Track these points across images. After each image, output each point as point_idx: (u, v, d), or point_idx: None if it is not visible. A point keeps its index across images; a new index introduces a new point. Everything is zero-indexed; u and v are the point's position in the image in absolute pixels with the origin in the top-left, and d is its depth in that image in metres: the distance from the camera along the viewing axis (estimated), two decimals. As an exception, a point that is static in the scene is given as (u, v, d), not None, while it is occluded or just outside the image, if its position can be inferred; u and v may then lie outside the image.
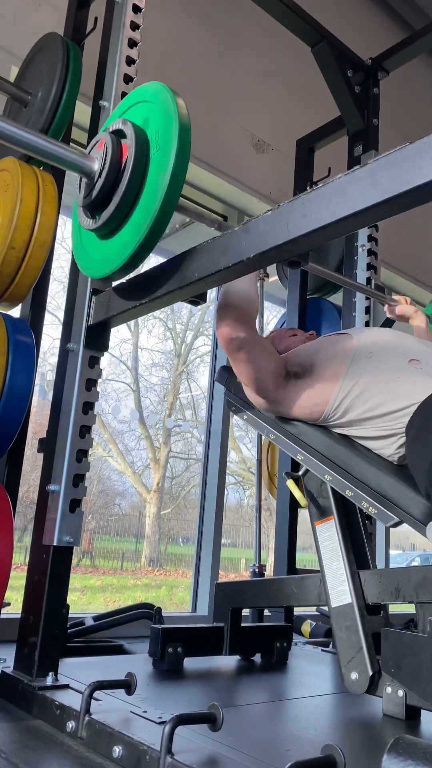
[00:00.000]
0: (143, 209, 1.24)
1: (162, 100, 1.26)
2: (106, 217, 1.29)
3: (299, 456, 1.59)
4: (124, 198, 1.26)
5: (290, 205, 1.05)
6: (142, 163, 1.25)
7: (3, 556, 1.43)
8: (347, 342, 1.62)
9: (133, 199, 1.26)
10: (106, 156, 1.27)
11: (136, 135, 1.26)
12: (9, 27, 2.27)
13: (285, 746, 1.10)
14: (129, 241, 1.27)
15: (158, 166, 1.22)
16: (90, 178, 1.31)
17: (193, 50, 2.86)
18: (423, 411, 1.40)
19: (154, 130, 1.26)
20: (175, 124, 1.20)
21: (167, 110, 1.23)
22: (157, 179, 1.21)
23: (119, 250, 1.30)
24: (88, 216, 1.35)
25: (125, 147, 1.28)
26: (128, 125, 1.28)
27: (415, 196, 0.89)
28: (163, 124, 1.23)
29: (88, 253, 1.43)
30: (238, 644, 1.79)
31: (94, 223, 1.34)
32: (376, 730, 1.26)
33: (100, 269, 1.36)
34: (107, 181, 1.27)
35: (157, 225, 1.21)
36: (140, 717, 1.13)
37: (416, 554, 7.84)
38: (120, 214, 1.28)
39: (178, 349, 6.52)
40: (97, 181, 1.29)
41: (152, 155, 1.25)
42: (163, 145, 1.22)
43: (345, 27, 2.74)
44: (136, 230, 1.25)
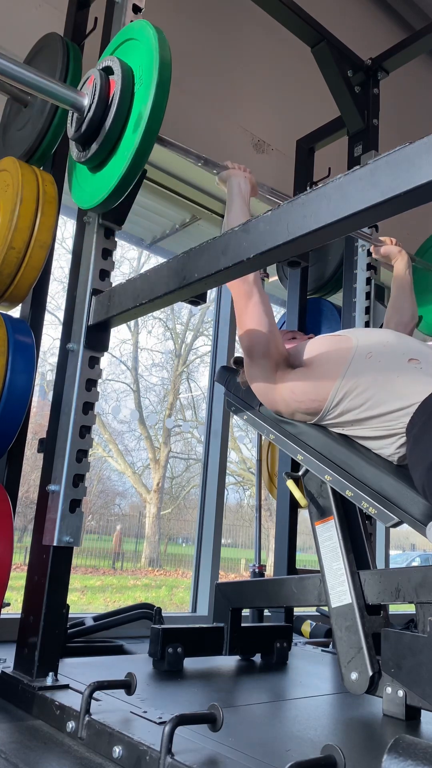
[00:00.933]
0: (127, 140, 1.33)
1: (146, 36, 1.34)
2: (94, 149, 1.38)
3: (299, 456, 1.59)
4: (110, 130, 1.35)
5: (290, 205, 1.05)
6: (128, 97, 1.34)
7: (3, 556, 1.43)
8: (346, 343, 1.62)
9: (118, 131, 1.35)
10: (95, 91, 1.36)
11: (122, 71, 1.34)
12: (9, 27, 2.27)
13: (285, 746, 1.10)
14: (115, 170, 1.36)
15: (141, 99, 1.31)
16: (81, 112, 1.39)
17: (192, 50, 2.86)
18: (424, 411, 1.40)
19: (138, 65, 1.34)
20: (155, 58, 1.28)
21: (149, 46, 1.31)
22: (140, 111, 1.30)
23: (107, 180, 1.39)
24: (79, 149, 1.43)
25: (113, 82, 1.36)
26: (115, 62, 1.37)
27: (415, 196, 0.89)
28: (146, 60, 1.31)
29: (81, 185, 1.52)
30: (238, 644, 1.79)
31: (83, 155, 1.42)
32: (376, 730, 1.26)
33: (92, 199, 1.45)
34: (95, 114, 1.36)
35: (139, 154, 1.30)
36: (140, 717, 1.13)
37: (416, 554, 7.84)
38: (107, 146, 1.37)
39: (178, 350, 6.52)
40: (86, 115, 1.37)
41: (136, 90, 1.33)
42: (146, 79, 1.30)
43: (345, 27, 2.74)
44: (121, 159, 1.33)
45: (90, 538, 5.80)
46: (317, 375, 1.55)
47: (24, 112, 1.83)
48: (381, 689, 1.35)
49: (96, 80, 1.37)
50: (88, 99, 1.37)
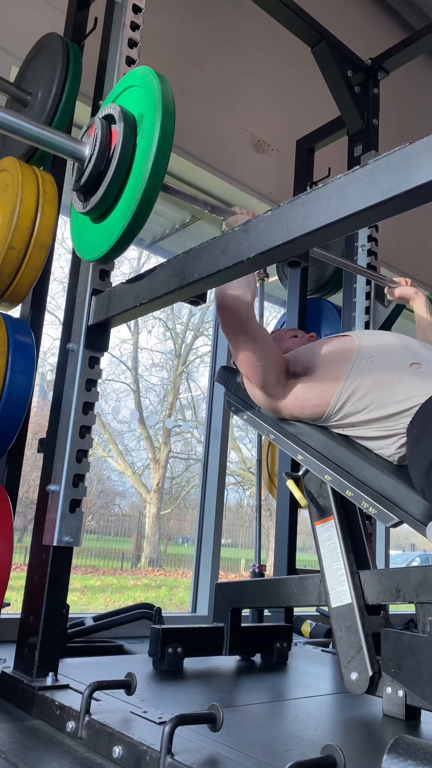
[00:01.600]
0: (129, 194, 1.28)
1: (148, 85, 1.28)
2: (95, 201, 1.33)
3: (299, 456, 1.59)
4: (111, 183, 1.30)
5: (290, 205, 1.05)
6: (129, 149, 1.28)
7: (3, 556, 1.43)
8: (349, 344, 1.62)
9: (120, 183, 1.30)
10: (96, 142, 1.31)
11: (124, 121, 1.29)
12: (9, 27, 2.27)
13: (285, 746, 1.10)
14: (116, 225, 1.30)
15: (143, 151, 1.25)
16: (81, 162, 1.34)
17: (192, 50, 2.86)
18: (424, 412, 1.40)
19: (140, 115, 1.29)
20: (158, 110, 1.22)
21: (152, 96, 1.25)
22: (142, 165, 1.24)
23: (108, 233, 1.34)
24: (81, 200, 1.39)
25: (114, 132, 1.31)
26: (117, 111, 1.31)
27: (415, 197, 0.89)
28: (148, 110, 1.26)
29: (83, 236, 1.47)
30: (238, 644, 1.79)
31: (84, 206, 1.37)
32: (376, 730, 1.26)
33: (93, 252, 1.40)
34: (96, 166, 1.31)
35: (141, 210, 1.25)
36: (140, 717, 1.13)
37: (416, 554, 7.84)
38: (108, 199, 1.32)
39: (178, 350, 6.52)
40: (87, 166, 1.32)
41: (139, 141, 1.28)
42: (148, 131, 1.24)
43: (345, 27, 2.74)
44: (123, 214, 1.28)
45: (90, 538, 5.80)
46: (320, 380, 1.55)
47: (24, 112, 1.83)
48: (381, 689, 1.35)
49: (97, 130, 1.31)
50: (89, 149, 1.32)
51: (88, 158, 1.32)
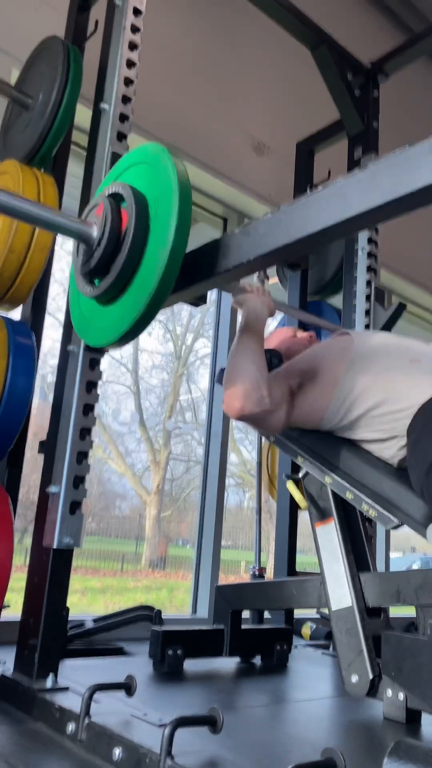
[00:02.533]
0: (142, 282, 1.20)
1: (161, 165, 1.20)
2: (105, 286, 1.25)
3: (299, 458, 1.59)
4: (123, 269, 1.21)
5: (290, 207, 1.05)
6: (142, 233, 1.20)
7: (3, 557, 1.43)
8: (347, 343, 1.62)
9: (133, 268, 1.22)
10: (106, 224, 1.22)
11: (135, 202, 1.20)
12: (10, 30, 2.28)
13: (285, 749, 1.10)
14: (127, 313, 1.22)
15: (158, 240, 1.17)
16: (89, 245, 1.26)
17: (193, 53, 2.87)
18: (424, 414, 1.40)
19: (153, 197, 1.21)
20: (174, 194, 1.14)
21: (167, 177, 1.17)
22: (157, 255, 1.16)
23: (117, 321, 1.25)
24: (87, 282, 1.30)
25: (124, 214, 1.23)
26: (127, 190, 1.23)
27: (415, 199, 0.89)
28: (162, 193, 1.18)
29: (86, 317, 1.38)
30: (238, 646, 1.79)
31: (92, 290, 1.28)
32: (376, 733, 1.26)
33: (99, 338, 1.32)
34: (107, 250, 1.22)
35: (155, 301, 1.17)
36: (140, 719, 1.13)
37: (417, 557, 7.83)
38: (119, 284, 1.24)
39: (178, 352, 6.51)
40: (96, 249, 1.24)
41: (151, 223, 1.20)
42: (162, 215, 1.17)
43: (345, 30, 2.74)
44: (135, 303, 1.20)
45: (90, 539, 5.80)
46: (318, 383, 1.54)
47: (25, 115, 1.83)
48: (381, 692, 1.34)
49: (106, 211, 1.23)
50: (98, 231, 1.24)
51: (96, 241, 1.24)
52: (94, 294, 1.28)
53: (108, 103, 1.63)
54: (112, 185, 1.28)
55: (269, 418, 1.49)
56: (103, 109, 1.64)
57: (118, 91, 1.63)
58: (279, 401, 1.51)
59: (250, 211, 3.14)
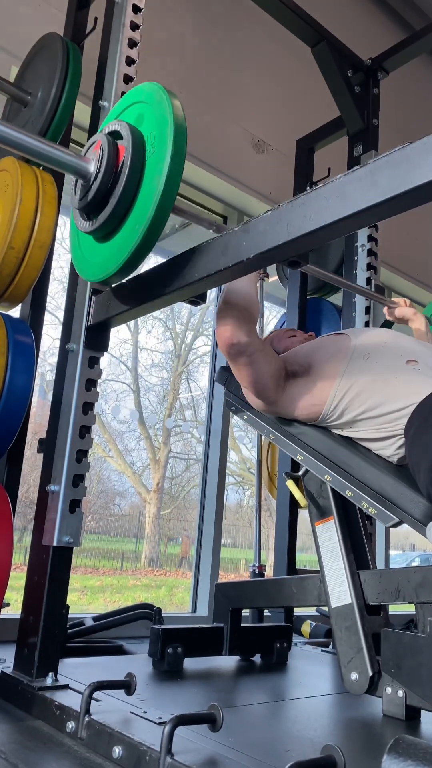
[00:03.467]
0: (139, 213, 1.22)
1: (158, 101, 1.23)
2: (102, 220, 1.27)
3: (299, 456, 1.59)
4: (120, 201, 1.24)
5: (290, 205, 1.05)
6: (139, 166, 1.23)
7: (3, 556, 1.43)
8: (345, 342, 1.62)
9: (129, 202, 1.24)
10: (103, 158, 1.25)
11: (132, 137, 1.23)
12: (9, 27, 2.27)
13: (285, 746, 1.10)
14: (125, 245, 1.24)
15: (154, 169, 1.20)
16: (86, 180, 1.28)
17: (192, 50, 2.86)
18: (421, 411, 1.40)
19: (149, 132, 1.24)
20: (170, 126, 1.18)
21: (162, 112, 1.21)
22: (153, 183, 1.19)
23: (115, 254, 1.27)
24: (84, 218, 1.33)
25: (122, 148, 1.26)
26: (125, 126, 1.26)
27: (415, 196, 0.89)
28: (158, 126, 1.21)
29: (85, 255, 1.41)
30: (238, 644, 1.79)
31: (90, 225, 1.31)
32: (376, 730, 1.26)
33: (97, 272, 1.34)
34: (103, 183, 1.25)
35: (153, 230, 1.19)
36: (140, 717, 1.13)
37: (416, 554, 7.84)
38: (116, 218, 1.26)
39: (178, 350, 6.52)
40: (93, 183, 1.26)
41: (148, 157, 1.23)
42: (159, 148, 1.19)
43: (345, 27, 2.74)
44: (132, 234, 1.22)
45: (89, 538, 5.80)
46: (316, 379, 1.55)
47: (24, 112, 1.83)
48: (381, 689, 1.35)
49: (104, 146, 1.26)
50: (95, 166, 1.27)
51: (93, 175, 1.26)
52: (92, 228, 1.30)
53: (107, 101, 1.63)
54: (110, 124, 1.31)
55: (259, 358, 1.51)
56: (102, 107, 1.64)
57: (117, 88, 1.62)
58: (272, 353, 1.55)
59: (249, 209, 3.14)
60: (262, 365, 1.52)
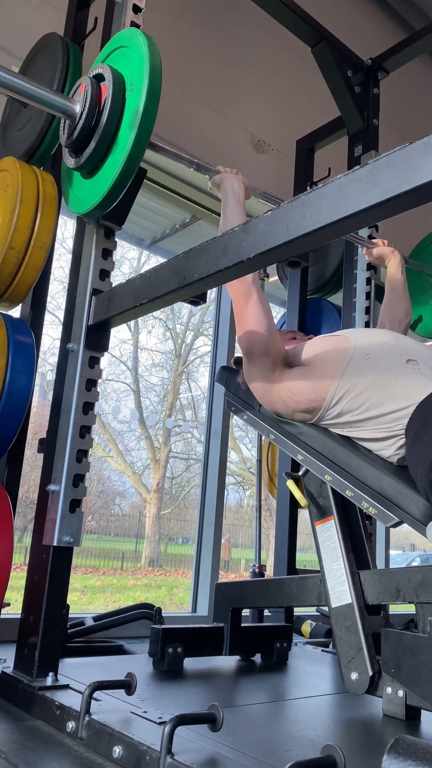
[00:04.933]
0: (119, 145, 1.34)
1: (136, 43, 1.37)
2: (86, 155, 1.40)
3: (299, 456, 1.59)
4: (102, 137, 1.36)
5: (290, 205, 1.05)
6: (119, 102, 1.35)
7: (3, 556, 1.43)
8: (344, 343, 1.62)
9: (111, 135, 1.36)
10: (87, 98, 1.37)
11: (113, 77, 1.36)
12: (9, 27, 2.27)
13: (285, 746, 1.10)
14: (108, 175, 1.37)
15: (132, 104, 1.32)
16: (73, 119, 1.40)
17: (193, 50, 2.86)
18: (422, 412, 1.40)
19: (129, 72, 1.36)
20: (146, 64, 1.30)
21: (140, 53, 1.33)
22: (131, 116, 1.31)
23: (100, 184, 1.40)
24: (72, 156, 1.45)
25: (104, 89, 1.37)
26: (106, 68, 1.38)
27: (416, 196, 0.89)
28: (136, 66, 1.34)
29: (75, 192, 1.53)
30: (238, 644, 1.79)
31: (76, 162, 1.43)
32: (376, 730, 1.26)
33: (86, 204, 1.46)
34: (87, 120, 1.37)
35: (132, 158, 1.31)
36: (140, 717, 1.13)
37: (416, 554, 7.84)
38: (99, 152, 1.38)
39: (178, 350, 6.51)
40: (78, 121, 1.38)
41: (128, 95, 1.35)
42: (137, 85, 1.32)
43: (345, 27, 2.74)
44: (114, 164, 1.35)
45: (90, 538, 5.80)
46: (315, 374, 1.55)
47: (24, 112, 1.83)
48: (381, 689, 1.35)
49: (87, 87, 1.38)
50: (80, 106, 1.39)
51: (79, 114, 1.38)
52: (79, 164, 1.42)
53: (107, 101, 1.63)
54: (95, 68, 1.44)
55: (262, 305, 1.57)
56: (102, 107, 1.64)
57: (118, 88, 1.63)
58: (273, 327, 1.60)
59: (249, 209, 3.13)
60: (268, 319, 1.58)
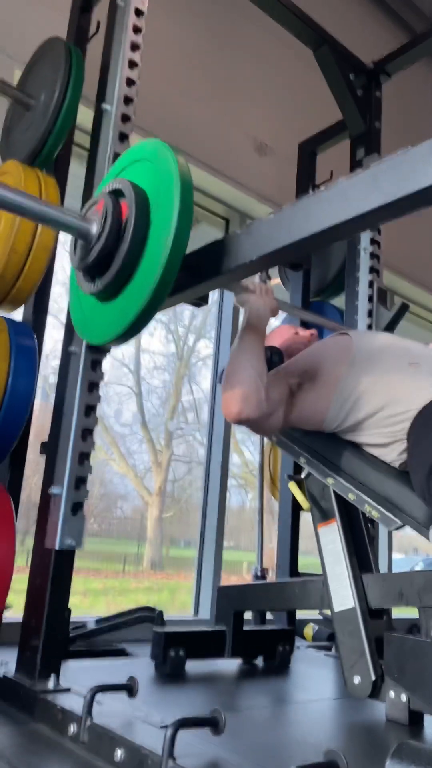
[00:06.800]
0: (145, 274, 1.18)
1: (162, 158, 1.20)
2: (106, 281, 1.23)
3: (301, 459, 1.58)
4: (125, 262, 1.20)
5: (292, 208, 1.05)
6: (143, 226, 1.18)
7: (5, 559, 1.43)
8: (347, 344, 1.61)
9: (135, 262, 1.20)
10: (106, 218, 1.21)
11: (136, 195, 1.19)
12: (12, 31, 2.28)
13: (287, 751, 1.10)
14: (130, 308, 1.20)
15: (160, 228, 1.16)
16: (87, 240, 1.24)
17: (195, 54, 2.87)
18: (423, 416, 1.40)
19: (153, 190, 1.20)
20: (176, 183, 1.14)
21: (167, 168, 1.17)
22: (159, 242, 1.15)
23: (120, 316, 1.23)
24: (87, 280, 1.29)
25: (124, 206, 1.22)
26: (126, 185, 1.22)
27: (418, 200, 0.89)
28: (163, 184, 1.18)
29: (87, 316, 1.36)
30: (241, 648, 1.78)
31: (93, 287, 1.26)
32: (379, 735, 1.26)
33: (101, 335, 1.30)
34: (107, 244, 1.21)
35: (160, 290, 1.15)
36: (142, 721, 1.13)
37: (419, 558, 7.82)
38: (121, 279, 1.22)
39: (180, 352, 6.51)
40: (95, 244, 1.23)
41: (152, 217, 1.19)
42: (164, 205, 1.16)
43: (347, 30, 2.74)
44: (138, 296, 1.19)
45: (92, 540, 5.79)
46: (319, 385, 1.54)
47: (27, 116, 1.83)
48: (384, 694, 1.34)
49: (107, 205, 1.21)
50: (97, 226, 1.22)
51: (96, 236, 1.22)
52: (95, 290, 1.26)
53: (110, 104, 1.63)
54: (111, 182, 1.27)
55: (267, 421, 1.50)
56: (104, 110, 1.64)
57: (120, 91, 1.63)
58: (277, 403, 1.51)
59: (252, 212, 3.14)
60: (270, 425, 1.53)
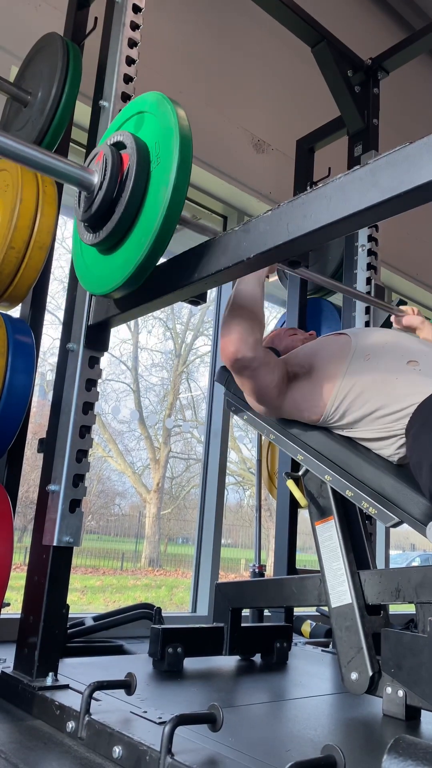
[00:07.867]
0: (145, 225, 1.20)
1: (162, 111, 1.21)
2: (107, 231, 1.25)
3: (299, 456, 1.59)
4: (125, 212, 1.22)
5: (290, 205, 1.05)
6: (144, 176, 1.20)
7: (3, 556, 1.43)
8: (346, 343, 1.62)
9: (134, 212, 1.22)
10: (106, 168, 1.22)
11: (136, 146, 1.21)
12: (9, 27, 2.27)
13: (285, 746, 1.10)
14: (131, 258, 1.23)
15: (159, 180, 1.18)
16: (89, 191, 1.26)
17: (192, 50, 2.86)
18: (422, 411, 1.40)
19: (154, 142, 1.22)
20: (175, 136, 1.16)
21: (167, 121, 1.19)
22: (159, 194, 1.17)
23: (121, 267, 1.25)
24: (89, 231, 1.30)
25: (125, 158, 1.23)
26: (128, 136, 1.24)
27: (416, 196, 0.89)
28: (163, 136, 1.19)
29: (89, 267, 1.39)
30: (238, 644, 1.79)
31: (94, 237, 1.28)
32: (376, 730, 1.26)
33: (102, 285, 1.32)
34: (107, 194, 1.23)
35: (159, 242, 1.17)
36: (140, 717, 1.13)
37: (416, 554, 7.84)
38: (122, 229, 1.24)
39: (178, 350, 6.51)
40: (97, 194, 1.24)
41: (153, 168, 1.21)
42: (164, 158, 1.17)
43: (345, 27, 2.74)
44: (138, 246, 1.21)
45: (90, 538, 5.80)
46: (317, 380, 1.55)
47: (24, 112, 1.83)
48: (381, 689, 1.35)
49: (107, 155, 1.23)
50: (98, 176, 1.24)
51: (97, 186, 1.24)
52: (97, 240, 1.27)
53: (107, 101, 1.63)
54: (113, 135, 1.28)
55: (263, 372, 1.50)
56: (102, 107, 1.64)
57: (118, 88, 1.62)
58: (275, 363, 1.53)
59: (250, 209, 3.14)
60: (265, 377, 1.52)
